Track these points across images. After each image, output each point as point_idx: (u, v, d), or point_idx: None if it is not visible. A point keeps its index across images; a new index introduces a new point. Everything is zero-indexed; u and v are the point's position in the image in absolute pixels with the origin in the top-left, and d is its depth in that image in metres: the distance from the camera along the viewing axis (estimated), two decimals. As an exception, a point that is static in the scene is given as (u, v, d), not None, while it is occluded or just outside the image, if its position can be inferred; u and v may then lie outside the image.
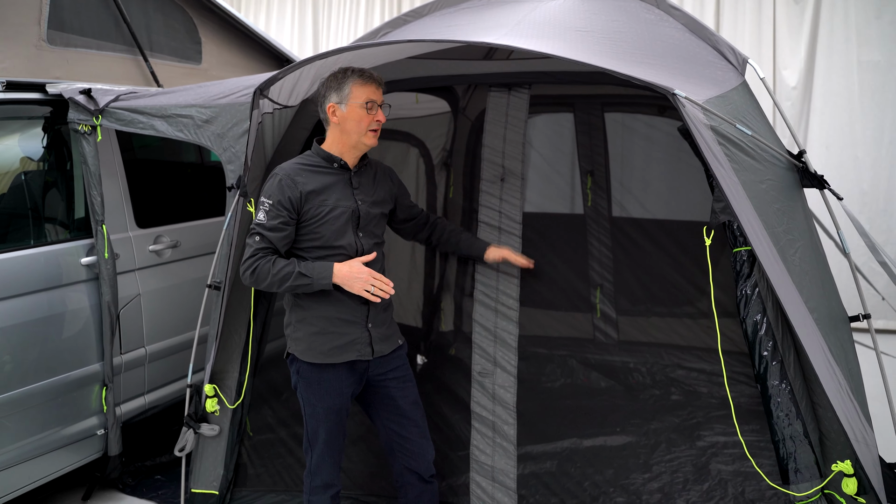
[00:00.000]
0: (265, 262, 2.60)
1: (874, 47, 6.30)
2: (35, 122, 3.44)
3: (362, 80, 2.68)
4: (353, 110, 2.67)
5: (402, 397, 2.85)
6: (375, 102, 2.70)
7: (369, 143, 2.74)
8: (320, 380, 2.73)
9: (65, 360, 3.34)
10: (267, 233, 2.61)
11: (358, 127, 2.69)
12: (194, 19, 4.57)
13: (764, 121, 2.90)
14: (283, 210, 2.62)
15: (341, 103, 2.68)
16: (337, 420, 2.76)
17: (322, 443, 2.76)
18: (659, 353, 4.63)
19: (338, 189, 2.72)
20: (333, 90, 2.69)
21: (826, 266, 2.78)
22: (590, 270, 4.84)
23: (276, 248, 2.64)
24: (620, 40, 2.94)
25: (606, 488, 3.33)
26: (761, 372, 2.62)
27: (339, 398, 2.74)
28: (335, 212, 2.68)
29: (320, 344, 2.71)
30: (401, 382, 2.86)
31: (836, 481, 2.50)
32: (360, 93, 2.67)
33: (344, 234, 2.70)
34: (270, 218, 2.62)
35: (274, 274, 2.58)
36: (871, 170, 6.35)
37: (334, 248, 2.69)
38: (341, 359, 2.72)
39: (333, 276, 2.61)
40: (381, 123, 2.73)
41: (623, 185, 4.84)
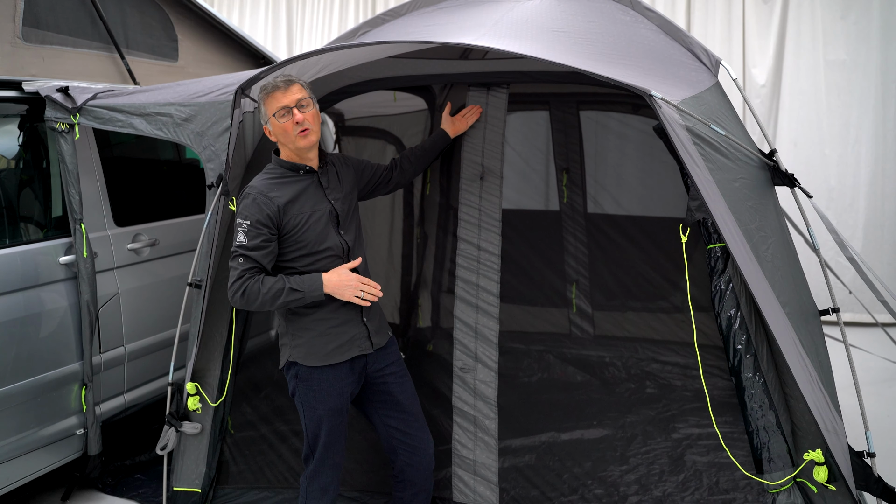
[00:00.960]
0: (253, 283, 2.58)
1: (840, 47, 6.45)
2: (11, 121, 3.41)
3: (265, 92, 2.68)
4: (275, 124, 2.67)
5: (401, 392, 2.87)
6: (288, 107, 2.64)
7: (303, 145, 2.67)
8: (321, 381, 2.72)
9: (43, 359, 3.32)
10: (250, 253, 2.59)
11: (287, 137, 2.67)
12: (171, 16, 4.55)
13: (736, 121, 2.97)
14: (263, 228, 2.61)
15: (266, 123, 2.70)
16: (338, 422, 2.76)
17: (322, 446, 2.75)
18: (634, 347, 4.72)
19: (310, 194, 2.72)
20: (260, 114, 2.73)
21: (797, 262, 2.87)
22: (565, 266, 4.91)
23: (262, 267, 2.62)
24: (597, 41, 3.00)
25: (585, 480, 3.40)
26: (735, 365, 2.70)
27: (339, 398, 2.74)
28: (314, 217, 2.69)
29: (322, 346, 2.71)
30: (399, 377, 2.89)
31: (807, 470, 2.58)
32: (270, 105, 2.66)
33: (327, 236, 2.71)
34: (251, 238, 2.60)
35: (265, 293, 2.57)
36: (838, 166, 6.50)
37: (320, 252, 2.69)
38: (345, 357, 2.73)
39: (324, 287, 2.62)
40: (305, 121, 2.65)
41: (598, 182, 4.91)
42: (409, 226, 4.84)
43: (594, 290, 4.88)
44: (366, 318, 2.78)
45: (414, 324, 4.97)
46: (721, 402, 3.80)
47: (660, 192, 4.78)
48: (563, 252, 4.91)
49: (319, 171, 2.78)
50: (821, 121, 6.53)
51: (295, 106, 2.65)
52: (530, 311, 4.92)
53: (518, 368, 4.65)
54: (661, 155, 4.47)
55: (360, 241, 2.87)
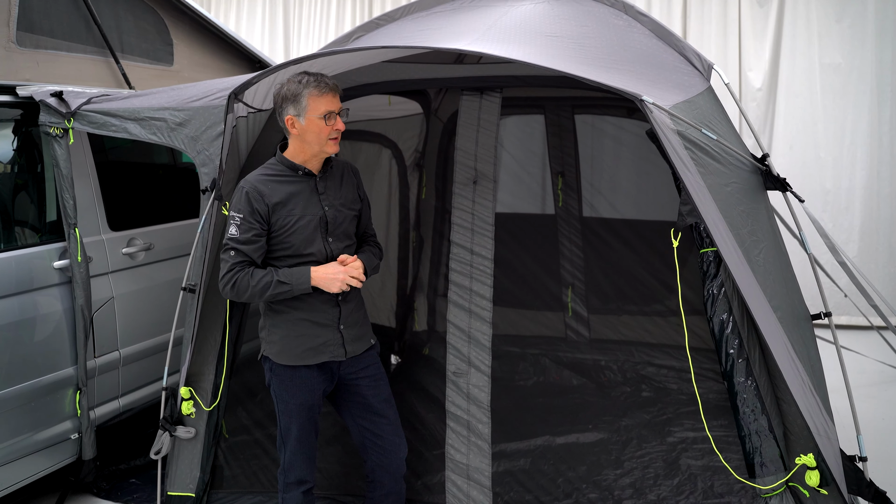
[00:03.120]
0: (243, 276, 2.63)
1: (835, 50, 6.47)
2: (5, 125, 3.41)
3: (318, 90, 2.64)
4: (312, 122, 2.65)
5: (373, 395, 2.88)
6: (333, 112, 2.67)
7: (331, 152, 2.74)
8: (293, 377, 2.77)
9: (38, 364, 3.32)
10: (241, 246, 2.64)
11: (318, 138, 2.68)
12: (166, 21, 4.56)
13: (729, 125, 2.97)
14: (255, 222, 2.65)
15: (299, 116, 2.66)
16: (308, 416, 2.80)
17: (294, 439, 2.80)
18: (629, 350, 4.73)
19: (303, 197, 2.73)
20: (290, 102, 2.66)
21: (789, 266, 2.87)
22: (561, 270, 4.92)
23: (252, 260, 2.67)
24: (590, 45, 3.00)
25: (579, 484, 3.40)
26: (728, 369, 2.70)
27: (310, 395, 2.78)
28: (303, 221, 2.70)
29: (294, 346, 2.75)
30: (373, 381, 2.90)
31: (799, 474, 2.59)
32: (318, 104, 2.64)
33: (313, 241, 2.72)
34: (243, 231, 2.64)
35: (254, 286, 2.62)
36: (833, 169, 6.51)
37: (304, 256, 2.72)
38: (314, 360, 2.76)
39: (311, 280, 2.65)
40: (341, 131, 2.71)
41: (593, 186, 4.92)
42: (406, 229, 4.85)
43: (590, 293, 4.89)
44: (342, 326, 2.80)
45: (410, 327, 4.98)
46: (716, 405, 3.80)
47: (655, 195, 4.79)
48: (558, 256, 4.92)
49: (319, 175, 2.79)
50: (816, 124, 6.55)
51: (338, 112, 2.69)
52: (526, 315, 4.93)
53: (514, 372, 4.66)
54: (656, 159, 4.46)
55: (351, 251, 2.85)
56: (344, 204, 2.83)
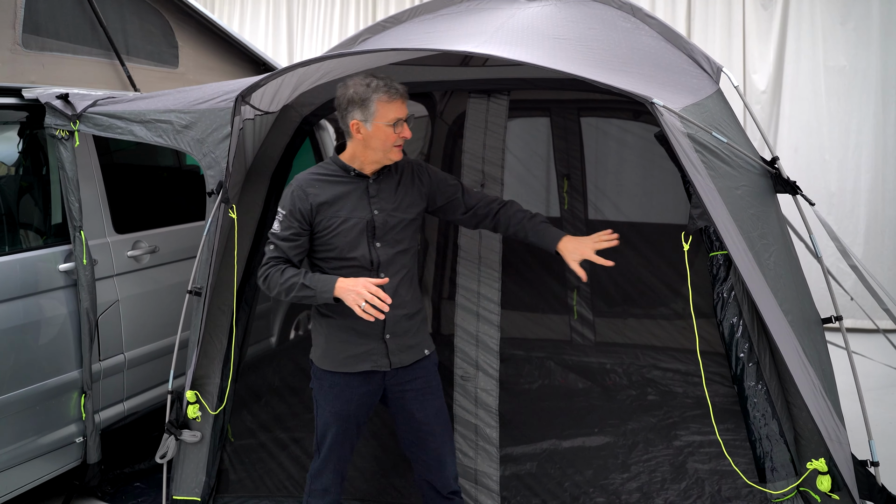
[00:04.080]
0: (275, 272, 2.58)
1: (840, 52, 6.46)
2: (11, 128, 3.40)
3: (388, 97, 2.55)
4: (380, 129, 2.56)
5: (419, 409, 2.75)
6: (401, 119, 2.58)
7: (395, 159, 2.65)
8: (331, 384, 2.70)
9: (42, 367, 3.31)
10: (279, 242, 2.61)
11: (384, 145, 2.59)
12: (171, 23, 4.55)
13: (738, 128, 2.96)
14: (295, 221, 2.60)
15: (366, 122, 2.56)
16: (344, 427, 2.71)
17: (326, 447, 2.74)
18: (635, 353, 4.71)
19: (353, 199, 2.64)
20: (357, 107, 2.55)
21: (799, 269, 2.86)
22: (567, 273, 4.89)
23: (288, 258, 2.61)
24: (598, 48, 2.99)
25: (586, 488, 3.38)
26: (738, 373, 2.68)
27: (346, 405, 2.69)
28: (348, 223, 2.62)
29: (335, 352, 2.69)
30: (420, 394, 2.75)
31: (810, 479, 2.57)
32: (387, 111, 2.55)
33: (357, 245, 2.63)
34: (283, 228, 2.61)
35: (281, 283, 2.56)
36: (838, 172, 6.50)
37: (347, 260, 2.63)
38: (355, 369, 2.67)
39: (335, 290, 2.52)
40: (407, 139, 2.62)
41: (598, 189, 4.91)
42: (410, 232, 4.83)
43: (595, 296, 4.88)
44: (388, 335, 2.68)
45: (414, 330, 4.96)
46: (722, 409, 3.78)
47: (660, 198, 4.78)
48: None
49: (372, 178, 2.68)
50: (821, 126, 6.53)
51: (405, 120, 2.61)
52: (531, 318, 4.92)
53: (519, 375, 4.64)
54: (661, 161, 4.46)
55: (401, 261, 2.71)
56: (398, 208, 2.70)
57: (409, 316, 2.73)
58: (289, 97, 3.39)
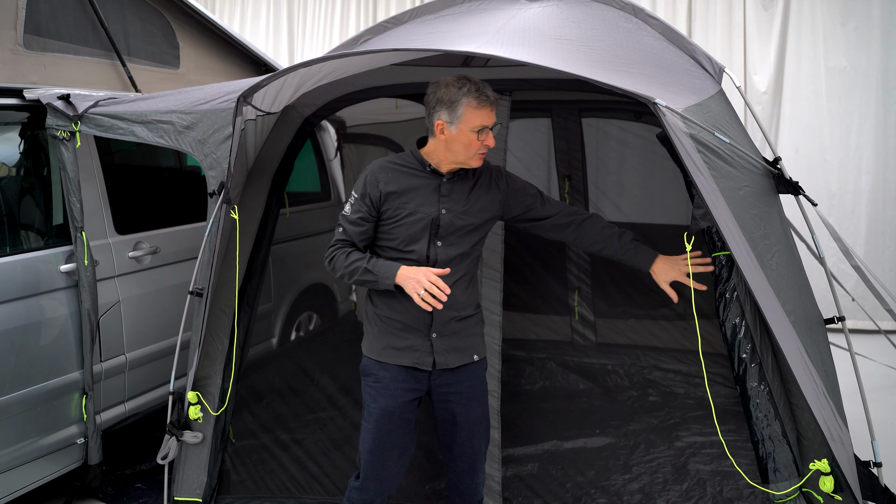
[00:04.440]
0: (340, 253, 2.61)
1: (840, 53, 6.46)
2: (12, 128, 3.40)
3: (478, 102, 2.50)
4: (464, 134, 2.52)
5: (462, 414, 2.70)
6: (487, 127, 2.53)
7: (474, 166, 2.61)
8: (377, 377, 2.65)
9: (44, 368, 3.30)
10: (347, 226, 2.63)
11: (466, 150, 2.55)
12: (172, 23, 4.55)
13: (740, 128, 2.96)
14: (363, 206, 2.60)
15: (451, 124, 2.52)
16: (388, 426, 2.63)
17: (368, 451, 2.66)
18: (636, 354, 4.71)
19: (423, 194, 2.61)
20: (445, 107, 2.51)
21: (801, 270, 2.85)
22: (568, 274, 4.91)
23: (353, 242, 2.63)
24: (600, 49, 2.99)
25: (588, 489, 3.38)
26: (740, 374, 2.68)
27: (391, 400, 2.62)
28: (413, 216, 2.59)
29: (379, 342, 2.67)
30: (465, 399, 2.70)
31: (813, 480, 2.57)
32: (473, 117, 2.51)
33: (417, 240, 2.60)
34: (353, 211, 2.62)
35: (345, 266, 2.58)
36: (839, 173, 6.50)
37: (405, 253, 2.60)
38: (395, 361, 2.63)
39: (396, 277, 2.51)
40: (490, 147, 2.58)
41: (599, 189, 4.91)
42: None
43: (596, 297, 4.88)
44: (434, 334, 2.63)
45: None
46: (723, 409, 3.78)
47: (661, 199, 4.78)
48: (565, 259, 4.90)
49: (447, 177, 2.64)
50: (822, 127, 6.54)
51: (491, 128, 2.56)
52: (532, 319, 4.92)
53: (520, 376, 4.64)
54: (662, 162, 4.47)
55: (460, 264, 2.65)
56: (467, 212, 2.64)
57: (460, 319, 2.68)
58: (290, 98, 3.39)
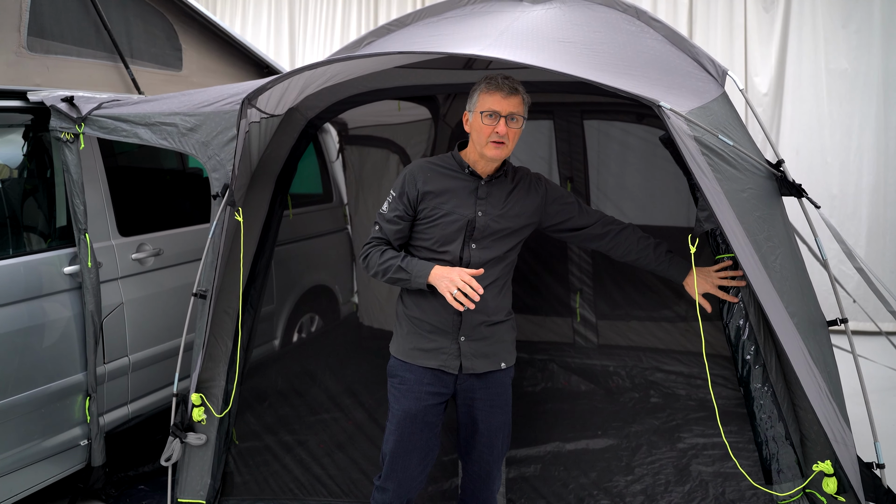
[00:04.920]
0: (375, 251, 2.63)
1: (841, 55, 6.48)
2: (16, 130, 3.41)
3: (488, 87, 2.56)
4: (477, 119, 2.58)
5: (484, 420, 2.70)
6: (498, 113, 2.53)
7: (490, 155, 2.58)
8: (402, 379, 2.66)
9: (47, 370, 3.30)
10: (384, 224, 2.65)
11: (479, 136, 2.57)
12: (175, 26, 4.56)
13: (743, 130, 2.97)
14: (401, 205, 2.63)
15: (470, 111, 2.62)
16: (411, 429, 2.63)
17: (390, 452, 2.66)
18: (638, 356, 4.72)
19: (460, 195, 2.62)
20: (470, 96, 2.63)
21: (805, 272, 2.86)
22: (569, 275, 4.91)
23: (388, 240, 2.65)
24: (603, 51, 3.00)
25: (591, 490, 3.39)
26: (744, 375, 2.69)
27: (416, 402, 2.62)
28: (449, 217, 2.60)
29: (407, 342, 2.68)
30: (488, 405, 2.69)
31: (816, 481, 2.58)
32: (484, 101, 2.56)
33: (452, 241, 2.61)
34: (390, 210, 2.65)
35: (379, 264, 2.60)
36: (840, 174, 6.52)
37: (438, 254, 2.62)
38: (421, 362, 2.64)
39: (429, 276, 2.52)
40: (505, 136, 2.54)
41: (601, 191, 4.91)
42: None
43: (598, 299, 4.88)
44: (462, 337, 2.63)
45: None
46: (725, 411, 3.79)
47: (663, 200, 4.78)
48: (566, 261, 4.91)
49: (485, 179, 2.66)
50: (823, 129, 6.55)
51: (505, 115, 2.54)
52: (534, 321, 4.92)
53: (522, 378, 4.64)
54: (663, 164, 4.47)
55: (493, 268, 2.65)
56: (504, 216, 2.65)
57: (490, 324, 2.67)
58: (295, 100, 3.40)
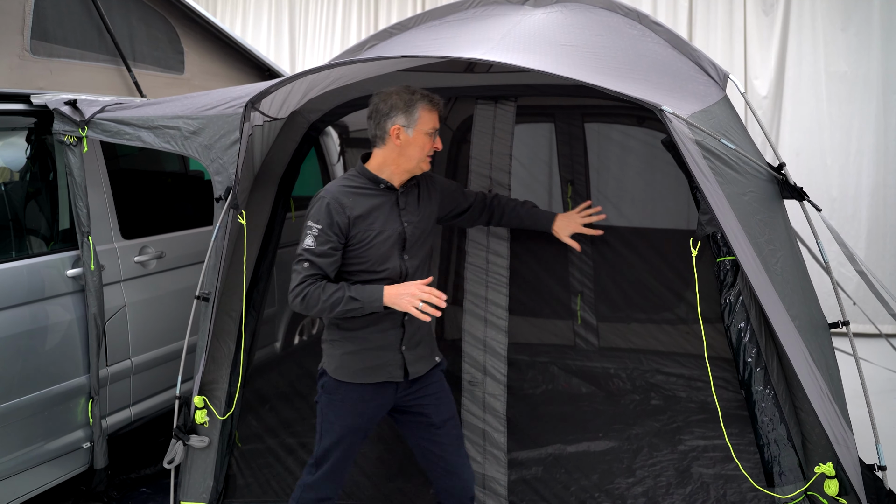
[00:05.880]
0: (315, 289, 2.54)
1: (841, 58, 6.49)
2: (19, 133, 3.41)
3: (431, 106, 2.62)
4: (420, 137, 2.61)
5: (436, 413, 2.77)
6: (437, 130, 2.65)
7: (425, 169, 2.71)
8: (343, 398, 2.69)
9: (50, 373, 3.31)
10: (316, 259, 2.56)
11: (420, 153, 2.63)
12: (177, 29, 4.57)
13: (745, 134, 2.98)
14: (333, 235, 2.57)
15: (408, 127, 2.60)
16: (352, 441, 2.72)
17: (332, 462, 2.72)
18: (638, 358, 4.71)
19: (384, 211, 2.65)
20: (401, 112, 2.59)
21: (806, 275, 2.87)
22: (570, 278, 4.91)
23: (325, 274, 2.59)
24: (605, 55, 3.01)
25: (593, 492, 3.39)
26: (746, 378, 2.70)
27: (358, 418, 2.70)
28: (381, 236, 2.63)
29: (352, 364, 2.68)
30: (435, 399, 2.78)
31: (818, 483, 2.59)
32: (428, 119, 2.61)
33: (389, 257, 2.65)
34: (319, 244, 2.56)
35: (324, 300, 2.53)
36: (840, 177, 6.53)
37: (378, 272, 2.63)
38: (370, 380, 2.67)
39: (384, 298, 2.54)
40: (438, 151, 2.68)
41: (602, 194, 4.92)
42: (414, 237, 4.84)
43: (599, 301, 4.88)
44: (404, 347, 2.70)
45: (419, 335, 4.96)
46: (726, 413, 3.76)
47: (663, 203, 4.79)
48: (567, 264, 4.91)
49: (401, 190, 2.71)
50: (822, 131, 6.56)
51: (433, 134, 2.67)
52: (535, 323, 4.92)
53: (523, 380, 4.64)
54: (664, 167, 4.48)
55: (425, 268, 2.77)
56: (422, 220, 2.75)
57: (421, 327, 2.75)
58: (297, 103, 3.41)
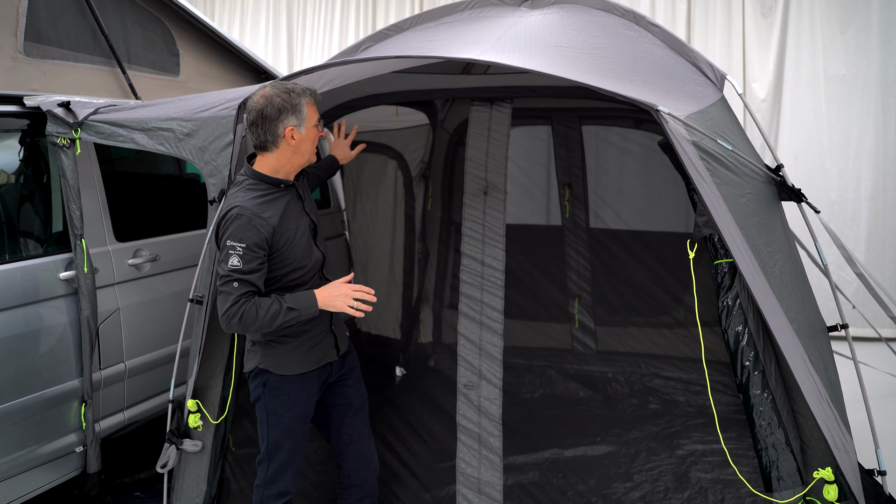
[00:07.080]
0: (250, 307, 2.49)
1: (839, 61, 6.47)
2: (12, 135, 3.39)
3: (312, 98, 2.67)
4: (310, 132, 2.67)
5: (356, 395, 2.94)
6: (320, 119, 2.73)
7: (314, 160, 2.81)
8: (289, 390, 2.75)
9: (42, 376, 3.28)
10: (246, 276, 2.50)
11: (312, 147, 2.69)
12: (172, 31, 4.55)
13: (742, 135, 2.96)
14: (260, 250, 2.53)
15: (300, 126, 2.62)
16: (302, 430, 2.81)
17: (285, 453, 2.79)
18: (636, 362, 4.70)
19: (292, 209, 2.70)
20: (290, 112, 2.59)
21: (804, 277, 2.85)
22: (568, 281, 4.89)
23: (258, 289, 2.55)
24: (601, 56, 2.99)
25: (590, 497, 3.37)
26: (743, 382, 2.67)
27: (306, 407, 2.80)
28: (298, 232, 2.68)
29: (296, 356, 2.75)
30: (356, 381, 2.97)
31: (817, 488, 2.55)
32: (313, 113, 2.67)
33: (310, 250, 2.72)
34: (247, 262, 2.50)
35: (262, 316, 2.50)
36: (839, 180, 6.51)
37: (304, 267, 2.69)
38: (315, 365, 2.78)
39: (318, 303, 2.59)
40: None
41: (599, 197, 4.91)
42: (411, 241, 4.83)
43: (596, 305, 4.87)
44: (334, 326, 2.84)
45: (415, 339, 4.95)
46: (724, 417, 3.77)
47: (661, 206, 4.78)
48: (565, 267, 4.90)
49: (296, 182, 2.78)
50: (821, 135, 6.54)
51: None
52: (532, 327, 4.91)
53: (520, 384, 4.63)
54: (662, 169, 4.47)
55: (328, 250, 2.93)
56: (314, 205, 2.87)
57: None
58: (291, 105, 3.39)
